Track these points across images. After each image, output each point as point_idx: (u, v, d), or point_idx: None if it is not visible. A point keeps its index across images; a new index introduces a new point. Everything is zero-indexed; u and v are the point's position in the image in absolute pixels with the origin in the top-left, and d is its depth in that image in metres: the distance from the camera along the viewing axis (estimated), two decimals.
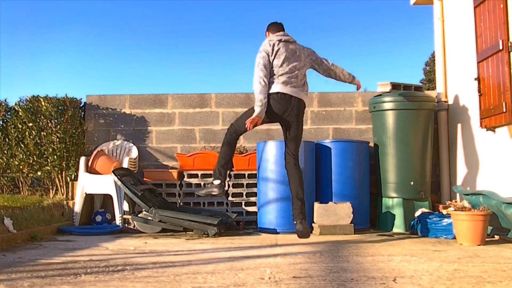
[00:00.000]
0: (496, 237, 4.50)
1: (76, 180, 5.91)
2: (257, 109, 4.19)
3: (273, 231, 5.23)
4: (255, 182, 5.71)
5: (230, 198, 5.79)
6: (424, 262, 3.34)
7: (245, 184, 5.79)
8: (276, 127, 6.27)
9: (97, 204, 6.04)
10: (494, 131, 4.78)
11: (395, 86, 5.82)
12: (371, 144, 5.83)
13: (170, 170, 5.98)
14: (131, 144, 6.22)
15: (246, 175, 5.82)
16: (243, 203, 5.77)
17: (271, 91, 4.27)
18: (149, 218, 5.14)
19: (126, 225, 5.57)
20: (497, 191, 4.46)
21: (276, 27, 4.51)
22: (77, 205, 5.67)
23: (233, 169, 5.85)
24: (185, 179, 5.90)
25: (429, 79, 25.64)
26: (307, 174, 5.37)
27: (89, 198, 5.90)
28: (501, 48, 4.46)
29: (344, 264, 3.29)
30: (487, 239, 4.29)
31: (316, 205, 5.07)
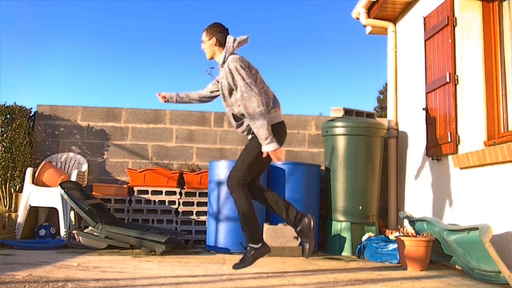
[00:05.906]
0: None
1: (21, 191, 5.71)
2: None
3: (222, 251, 5.20)
4: (205, 200, 5.68)
5: (180, 216, 5.73)
6: (368, 285, 3.40)
7: (195, 202, 5.75)
8: (230, 146, 6.30)
9: (42, 218, 5.85)
10: (439, 159, 4.95)
11: (347, 112, 5.98)
12: (323, 168, 5.92)
13: (120, 185, 5.87)
14: (81, 157, 6.09)
15: (197, 194, 5.79)
16: (193, 222, 5.72)
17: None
18: (95, 233, 5.01)
19: (71, 240, 5.41)
20: (441, 218, 4.60)
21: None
22: (20, 218, 5.48)
23: (184, 187, 5.82)
24: (135, 195, 5.81)
25: (382, 107, 26.34)
26: None
27: (34, 211, 5.71)
28: (448, 80, 4.66)
29: (291, 287, 3.30)
30: (430, 265, 4.40)
31: (266, 226, 5.09)
